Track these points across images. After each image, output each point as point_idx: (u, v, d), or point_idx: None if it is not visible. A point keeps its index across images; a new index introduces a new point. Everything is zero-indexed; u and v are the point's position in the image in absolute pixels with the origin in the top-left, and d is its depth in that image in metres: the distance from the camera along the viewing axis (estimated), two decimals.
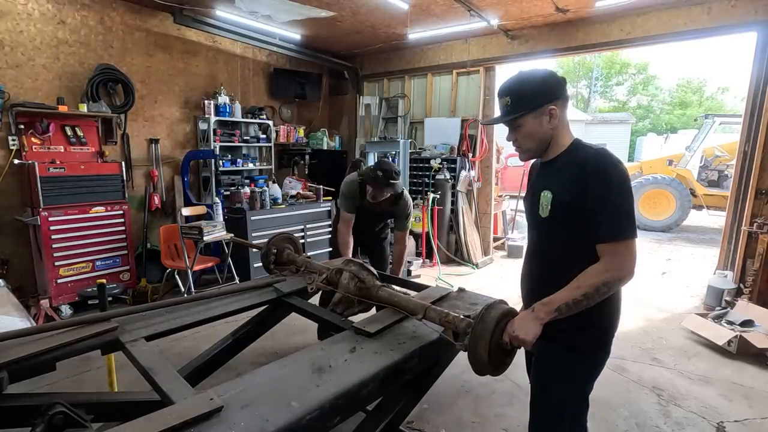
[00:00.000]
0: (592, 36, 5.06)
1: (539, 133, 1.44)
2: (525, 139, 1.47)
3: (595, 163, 1.35)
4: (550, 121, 1.41)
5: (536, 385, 1.55)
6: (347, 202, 3.05)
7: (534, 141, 1.46)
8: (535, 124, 1.42)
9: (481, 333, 1.33)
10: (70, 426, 1.16)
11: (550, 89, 1.41)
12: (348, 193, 3.05)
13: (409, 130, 6.81)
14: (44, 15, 4.09)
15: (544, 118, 1.41)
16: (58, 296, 3.90)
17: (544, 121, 1.41)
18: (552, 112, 1.40)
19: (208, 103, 5.28)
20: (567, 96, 1.45)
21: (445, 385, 2.83)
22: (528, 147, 1.48)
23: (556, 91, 1.41)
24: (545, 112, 1.40)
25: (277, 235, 2.46)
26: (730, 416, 2.65)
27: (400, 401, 1.58)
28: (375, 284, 1.79)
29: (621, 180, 1.33)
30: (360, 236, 3.23)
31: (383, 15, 4.97)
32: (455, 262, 6.05)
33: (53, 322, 1.51)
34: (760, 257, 4.07)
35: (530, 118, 1.42)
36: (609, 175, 1.32)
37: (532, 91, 1.41)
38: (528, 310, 1.39)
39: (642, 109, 25.88)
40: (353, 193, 3.05)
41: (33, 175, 3.74)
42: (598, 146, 1.42)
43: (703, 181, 9.69)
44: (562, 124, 1.44)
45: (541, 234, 1.52)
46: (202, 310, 1.75)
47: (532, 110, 1.40)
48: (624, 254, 1.32)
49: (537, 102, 1.40)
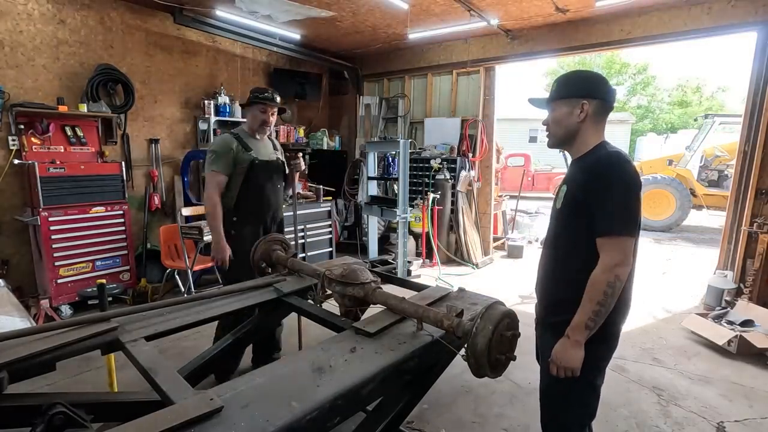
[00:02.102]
0: (592, 36, 5.06)
1: (566, 123, 1.53)
2: (554, 124, 1.57)
3: (603, 163, 1.44)
4: (579, 114, 1.50)
5: (544, 375, 1.62)
6: (223, 159, 2.59)
7: (560, 128, 1.55)
8: (565, 113, 1.53)
9: (479, 336, 1.33)
10: (70, 426, 1.16)
11: (588, 86, 1.52)
12: (222, 149, 2.60)
13: (409, 130, 6.81)
14: (44, 15, 4.09)
15: (575, 110, 1.50)
16: (58, 296, 3.90)
17: (575, 112, 1.51)
18: (583, 106, 1.49)
19: (208, 103, 5.28)
20: (607, 100, 1.52)
21: (445, 385, 2.83)
22: (554, 132, 1.58)
23: (593, 91, 1.51)
24: (577, 105, 1.50)
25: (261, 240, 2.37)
26: (730, 416, 2.65)
27: (400, 401, 1.58)
28: (368, 292, 1.76)
29: (623, 180, 1.40)
30: (264, 208, 2.78)
31: (383, 15, 4.97)
32: (455, 262, 6.05)
33: (53, 322, 1.51)
34: (760, 257, 4.07)
35: (562, 105, 1.53)
36: (611, 175, 1.40)
37: (572, 83, 1.55)
38: (563, 339, 1.45)
39: (642, 109, 25.86)
40: (229, 146, 2.61)
41: (33, 175, 3.74)
42: (615, 149, 1.49)
43: (703, 181, 9.70)
44: (592, 124, 1.52)
45: (553, 224, 1.64)
46: (202, 310, 1.75)
47: (566, 98, 1.52)
48: (615, 249, 1.39)
49: (572, 93, 1.52)
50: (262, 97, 2.66)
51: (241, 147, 2.63)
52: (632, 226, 1.41)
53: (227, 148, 2.60)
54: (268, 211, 2.80)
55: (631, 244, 1.42)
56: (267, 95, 2.68)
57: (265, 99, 2.66)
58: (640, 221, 1.48)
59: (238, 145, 2.63)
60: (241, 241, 2.65)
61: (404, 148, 5.04)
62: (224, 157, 2.59)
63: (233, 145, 2.62)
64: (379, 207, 5.60)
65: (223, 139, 2.66)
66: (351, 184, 6.70)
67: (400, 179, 5.10)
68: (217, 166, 2.58)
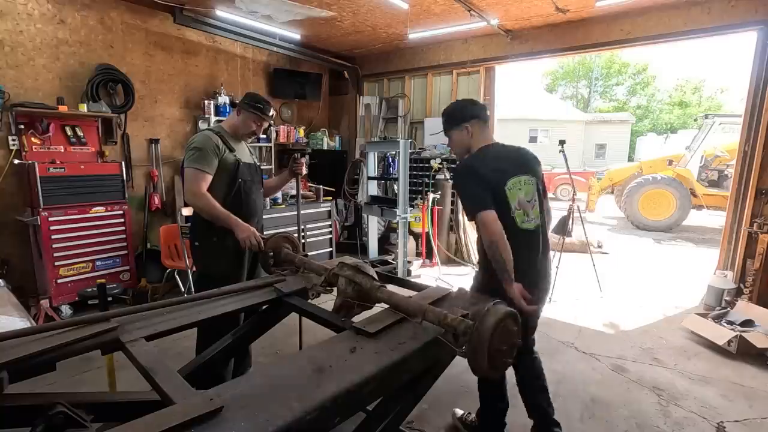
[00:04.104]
0: (592, 36, 5.06)
1: (461, 143, 2.11)
2: (454, 146, 2.18)
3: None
4: (467, 135, 2.08)
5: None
6: (209, 158, 2.33)
7: (460, 147, 2.14)
8: (458, 137, 2.11)
9: (479, 336, 1.33)
10: (71, 426, 1.16)
11: (466, 113, 2.08)
12: (208, 147, 2.34)
13: (409, 130, 6.81)
14: (44, 15, 4.09)
15: (463, 133, 2.08)
16: (58, 296, 3.90)
17: (463, 134, 2.08)
18: (467, 128, 2.06)
19: (208, 103, 5.29)
20: (481, 117, 2.09)
21: (445, 385, 2.83)
22: (457, 151, 2.21)
23: (470, 115, 2.07)
24: (464, 129, 2.08)
25: (274, 235, 2.43)
26: (730, 416, 2.65)
27: (400, 401, 1.58)
28: (373, 285, 1.79)
29: (457, 178, 2.14)
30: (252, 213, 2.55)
31: (383, 15, 4.97)
32: (455, 262, 6.05)
33: (53, 322, 1.51)
34: (760, 257, 4.07)
35: (455, 132, 2.12)
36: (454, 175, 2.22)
37: (457, 114, 2.11)
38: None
39: (642, 109, 25.89)
40: (214, 144, 2.38)
41: (33, 175, 3.74)
42: (473, 154, 2.06)
43: (703, 181, 9.69)
44: (477, 135, 2.08)
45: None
46: (202, 310, 1.74)
47: (455, 127, 2.10)
48: (479, 226, 1.88)
49: (458, 121, 2.09)
50: (261, 109, 2.50)
51: (225, 147, 2.42)
52: (477, 207, 1.87)
53: (213, 147, 2.36)
54: (254, 216, 2.59)
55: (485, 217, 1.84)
56: (266, 109, 2.52)
57: (264, 112, 2.52)
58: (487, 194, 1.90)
59: (223, 145, 2.41)
60: (224, 251, 2.40)
61: (404, 148, 5.04)
62: (210, 156, 2.34)
63: (219, 143, 2.39)
64: (379, 207, 5.60)
65: (208, 137, 2.39)
66: (351, 184, 6.69)
67: (400, 179, 5.10)
68: (201, 165, 2.31)
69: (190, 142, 2.40)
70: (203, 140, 2.37)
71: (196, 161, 2.32)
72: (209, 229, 2.39)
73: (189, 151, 2.36)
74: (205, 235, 2.43)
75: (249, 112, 2.50)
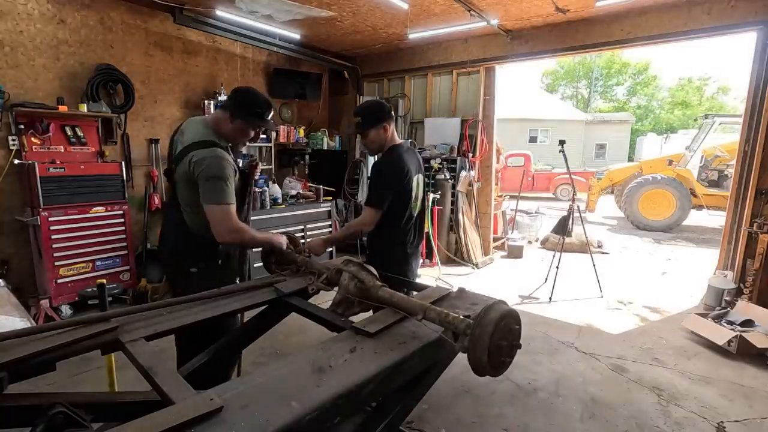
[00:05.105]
0: (593, 36, 5.06)
1: (378, 141, 2.33)
2: (370, 143, 2.35)
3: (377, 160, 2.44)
4: (384, 133, 2.31)
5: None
6: (231, 184, 2.03)
7: (376, 145, 2.35)
8: (375, 135, 2.30)
9: (480, 334, 1.33)
10: (71, 426, 1.16)
11: (383, 114, 2.31)
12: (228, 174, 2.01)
13: (409, 130, 6.81)
14: (44, 15, 4.09)
15: (380, 131, 2.29)
16: (58, 296, 3.90)
17: (380, 132, 2.30)
18: (385, 127, 2.30)
19: (208, 103, 5.28)
20: (393, 118, 2.40)
21: (445, 385, 2.83)
22: (371, 147, 2.39)
23: (387, 116, 2.32)
24: (380, 127, 2.29)
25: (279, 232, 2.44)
26: (730, 416, 2.65)
27: (400, 401, 1.58)
28: (375, 284, 1.79)
29: (385, 167, 2.34)
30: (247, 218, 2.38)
31: (383, 15, 4.97)
32: (455, 262, 6.05)
33: (53, 322, 1.51)
34: (760, 257, 4.07)
35: (372, 130, 2.29)
36: (375, 166, 2.43)
37: (375, 114, 2.30)
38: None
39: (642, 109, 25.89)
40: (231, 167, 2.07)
41: (33, 175, 3.73)
42: (397, 152, 2.33)
43: (703, 181, 9.70)
44: (391, 136, 2.35)
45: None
46: (202, 310, 1.74)
47: (374, 125, 2.28)
48: (365, 215, 2.32)
49: (378, 120, 2.28)
50: (261, 115, 2.16)
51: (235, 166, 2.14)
52: (379, 201, 2.25)
53: (232, 172, 2.06)
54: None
55: (373, 211, 2.27)
56: (266, 114, 2.18)
57: (263, 118, 2.18)
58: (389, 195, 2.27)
59: (233, 161, 2.13)
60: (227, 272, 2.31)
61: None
62: (231, 183, 2.04)
63: (231, 161, 2.10)
64: None
65: (227, 161, 2.04)
66: (351, 184, 6.70)
67: None
68: (229, 198, 2.01)
69: (205, 166, 1.96)
70: (222, 166, 2.00)
71: (223, 197, 1.98)
72: (213, 251, 2.16)
73: (208, 182, 1.97)
74: (207, 257, 2.18)
75: (247, 121, 2.14)
